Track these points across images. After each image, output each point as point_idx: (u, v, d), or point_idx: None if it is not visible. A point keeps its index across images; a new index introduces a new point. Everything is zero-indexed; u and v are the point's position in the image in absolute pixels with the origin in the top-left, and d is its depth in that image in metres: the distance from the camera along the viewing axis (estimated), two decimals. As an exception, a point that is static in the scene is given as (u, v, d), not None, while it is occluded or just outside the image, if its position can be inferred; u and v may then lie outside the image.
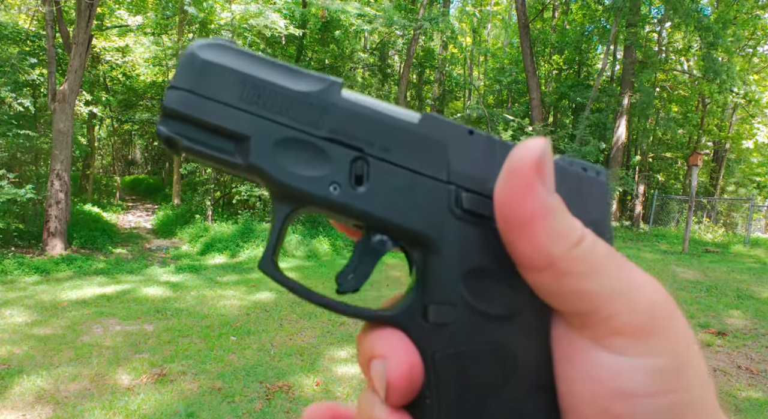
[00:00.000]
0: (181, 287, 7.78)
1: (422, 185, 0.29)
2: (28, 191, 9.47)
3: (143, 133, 29.77)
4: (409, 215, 0.28)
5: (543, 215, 0.25)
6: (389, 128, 0.29)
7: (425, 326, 0.28)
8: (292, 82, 0.29)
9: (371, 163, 0.29)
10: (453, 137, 0.29)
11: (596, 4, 19.53)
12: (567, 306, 0.26)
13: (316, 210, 0.31)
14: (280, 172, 0.29)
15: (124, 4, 16.63)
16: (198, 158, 0.30)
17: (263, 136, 0.29)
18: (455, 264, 0.28)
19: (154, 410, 3.70)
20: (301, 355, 4.91)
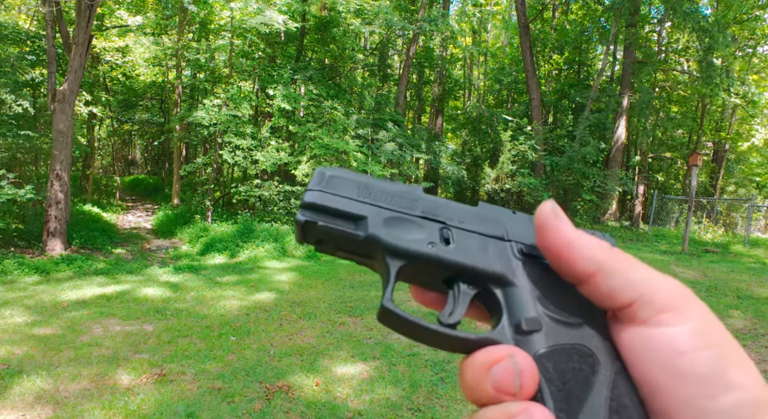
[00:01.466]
0: (180, 287, 7.79)
1: (491, 242, 0.40)
2: (27, 192, 9.47)
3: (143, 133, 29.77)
4: (488, 262, 0.39)
5: (575, 238, 0.34)
6: (459, 210, 0.42)
7: (519, 337, 0.36)
8: (389, 185, 0.42)
9: (453, 230, 0.40)
10: (503, 215, 0.42)
11: (596, 4, 19.54)
12: (618, 300, 0.33)
13: (417, 267, 0.40)
14: (390, 237, 0.39)
15: (124, 4, 16.63)
16: (327, 236, 0.40)
17: (376, 216, 0.40)
18: (529, 289, 0.37)
19: (153, 410, 3.70)
20: (300, 355, 4.91)
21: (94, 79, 18.60)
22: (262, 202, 13.67)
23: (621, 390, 0.33)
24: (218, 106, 12.95)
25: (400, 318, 0.37)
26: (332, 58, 17.62)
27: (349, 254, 0.41)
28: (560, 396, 0.33)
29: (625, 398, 0.33)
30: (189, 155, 22.23)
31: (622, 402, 0.33)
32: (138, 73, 22.99)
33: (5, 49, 12.60)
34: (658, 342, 0.31)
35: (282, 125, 13.88)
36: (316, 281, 8.49)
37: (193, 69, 16.35)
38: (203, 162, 14.33)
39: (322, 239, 0.40)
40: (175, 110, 17.22)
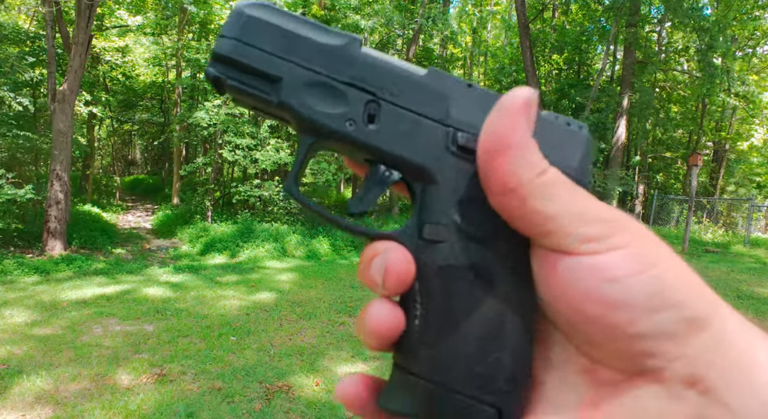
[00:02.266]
0: (180, 287, 7.78)
1: (424, 126, 0.34)
2: (27, 192, 9.47)
3: (143, 133, 29.76)
4: (412, 150, 0.34)
5: (519, 146, 0.29)
6: (399, 78, 0.35)
7: (420, 243, 0.33)
8: (320, 36, 0.35)
9: (382, 105, 0.34)
10: (453, 89, 0.35)
11: (596, 4, 19.53)
12: (531, 228, 0.30)
13: (332, 144, 0.35)
14: (306, 108, 0.34)
15: (124, 4, 16.62)
16: (239, 96, 0.35)
17: (294, 78, 0.34)
18: (449, 192, 0.33)
19: (154, 410, 3.70)
20: (300, 355, 4.91)
21: (94, 79, 18.61)
22: (262, 202, 13.67)
23: (506, 319, 0.31)
24: (218, 106, 12.95)
25: (303, 204, 0.35)
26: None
27: (266, 114, 0.37)
28: (436, 313, 0.31)
29: (506, 326, 0.31)
30: (189, 155, 22.23)
31: (503, 330, 0.31)
32: (138, 73, 23.00)
33: (5, 49, 12.59)
34: (585, 272, 0.29)
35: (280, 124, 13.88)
36: (316, 281, 8.49)
37: (192, 69, 16.34)
38: (203, 162, 14.33)
39: (236, 97, 0.36)
40: (175, 110, 17.22)
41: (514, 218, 0.31)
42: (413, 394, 0.31)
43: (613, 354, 0.29)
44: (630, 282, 0.28)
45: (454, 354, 0.31)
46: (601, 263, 0.28)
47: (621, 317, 0.28)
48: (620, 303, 0.28)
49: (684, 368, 0.27)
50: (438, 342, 0.31)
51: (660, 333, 0.28)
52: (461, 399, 0.30)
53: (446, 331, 0.31)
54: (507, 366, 0.31)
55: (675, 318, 0.27)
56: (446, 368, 0.31)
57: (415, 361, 0.31)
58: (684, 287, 0.28)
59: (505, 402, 0.31)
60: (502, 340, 0.31)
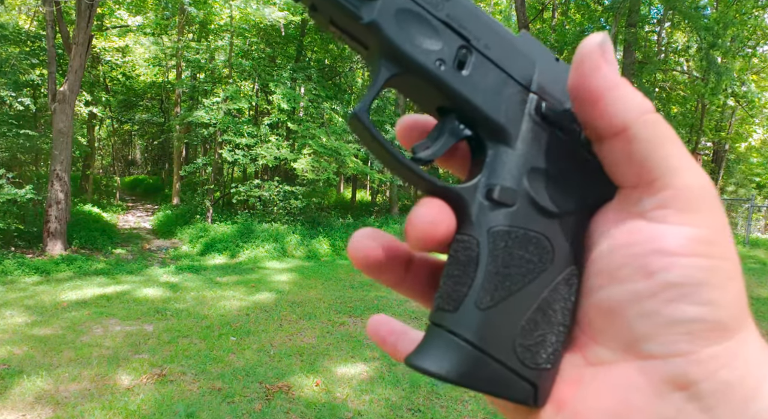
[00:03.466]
0: (180, 287, 7.79)
1: (511, 86, 0.33)
2: (28, 192, 9.48)
3: (143, 133, 29.77)
4: (496, 108, 0.32)
5: (613, 86, 0.28)
6: (494, 32, 0.33)
7: (485, 203, 0.31)
8: None
9: (474, 54, 0.32)
10: (542, 58, 0.34)
11: (596, 4, 19.54)
12: (630, 175, 0.29)
13: (412, 81, 0.33)
14: (397, 35, 0.31)
15: (124, 4, 16.62)
16: (324, 3, 0.31)
17: (390, 0, 0.31)
18: (525, 159, 0.32)
19: (154, 410, 3.71)
20: (300, 355, 4.91)
21: (94, 79, 18.61)
22: (262, 202, 13.67)
23: (558, 295, 0.31)
24: (217, 103, 12.95)
25: (369, 132, 0.31)
26: (332, 58, 17.62)
27: (343, 33, 0.33)
28: (495, 277, 0.30)
29: (557, 303, 0.30)
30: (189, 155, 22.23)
31: (552, 306, 0.30)
32: (138, 74, 22.99)
33: (6, 49, 12.60)
34: (643, 236, 0.28)
35: (281, 122, 13.88)
36: (316, 282, 8.50)
37: (193, 69, 16.35)
38: (203, 162, 14.33)
39: (317, 5, 0.32)
40: (175, 110, 17.22)
41: (618, 163, 0.29)
42: (452, 357, 0.30)
43: (616, 326, 0.28)
44: (680, 262, 0.27)
45: (504, 322, 0.30)
46: (663, 234, 0.27)
47: (650, 289, 0.27)
48: (658, 277, 0.27)
49: (680, 368, 0.26)
50: (491, 307, 0.30)
51: (680, 322, 0.26)
52: (502, 370, 0.30)
53: (500, 297, 0.30)
54: (550, 344, 0.30)
55: (703, 316, 0.26)
56: (494, 335, 0.30)
57: (464, 324, 0.30)
58: (728, 288, 0.27)
59: (542, 380, 0.30)
60: (551, 317, 0.30)
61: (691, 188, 0.28)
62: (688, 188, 0.28)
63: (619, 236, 0.29)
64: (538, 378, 0.30)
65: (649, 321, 0.27)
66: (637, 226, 0.28)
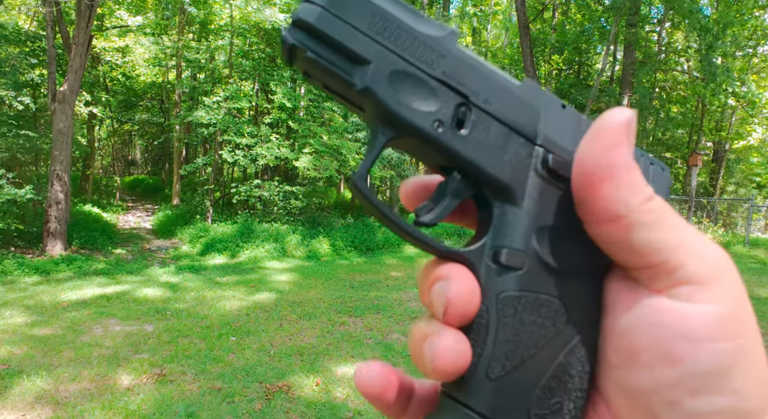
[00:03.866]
0: (180, 287, 7.79)
1: (514, 141, 0.31)
2: (27, 192, 9.48)
3: (143, 133, 29.77)
4: (499, 166, 0.31)
5: (625, 169, 0.27)
6: (494, 84, 0.31)
7: (493, 267, 0.30)
8: (415, 22, 0.31)
9: (473, 111, 0.31)
10: (547, 106, 0.32)
11: (596, 4, 19.54)
12: (635, 259, 0.27)
13: (412, 142, 0.32)
14: (393, 100, 0.30)
15: (124, 4, 16.62)
16: (314, 71, 0.31)
17: (383, 64, 0.30)
18: (532, 218, 0.30)
19: (154, 410, 3.70)
20: (300, 355, 4.91)
21: (94, 79, 18.61)
22: (262, 202, 13.67)
23: (575, 358, 0.29)
24: (218, 102, 12.95)
25: (367, 201, 0.31)
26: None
27: (339, 97, 0.33)
28: (505, 346, 0.29)
29: (573, 368, 0.29)
30: (189, 155, 22.23)
31: (569, 371, 0.29)
32: (138, 74, 23.00)
33: (6, 49, 12.60)
34: (666, 317, 0.26)
35: (282, 120, 13.87)
36: (316, 282, 8.49)
37: (193, 69, 16.35)
38: (203, 162, 14.34)
39: (310, 72, 0.31)
40: (175, 110, 17.22)
41: (617, 248, 0.28)
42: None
43: (640, 413, 0.27)
44: (706, 347, 0.25)
45: (517, 393, 0.29)
46: (688, 316, 0.26)
47: (675, 378, 0.26)
48: (684, 365, 0.25)
49: None
50: (503, 376, 0.29)
51: (706, 415, 0.25)
52: None
53: (512, 367, 0.29)
54: (568, 412, 0.29)
55: (729, 407, 0.25)
56: (507, 407, 0.29)
57: (475, 396, 0.29)
58: (752, 372, 0.26)
59: None
60: (567, 383, 0.29)
61: (709, 261, 0.27)
62: (706, 262, 0.27)
63: (640, 314, 0.27)
64: None
65: (672, 410, 0.26)
66: (658, 303, 0.27)
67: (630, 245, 0.27)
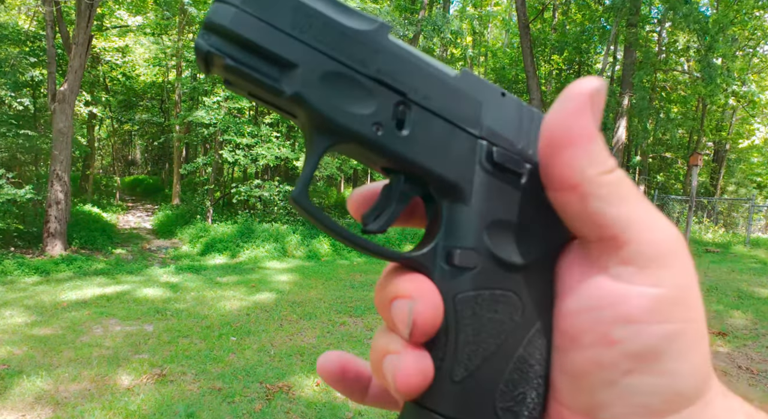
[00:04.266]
0: (181, 287, 7.78)
1: (457, 136, 0.30)
2: (28, 192, 9.47)
3: (143, 133, 29.77)
4: (444, 164, 0.30)
5: (587, 137, 0.27)
6: (432, 78, 0.30)
7: (447, 269, 0.29)
8: (344, 18, 0.29)
9: (413, 109, 0.29)
10: (487, 96, 0.31)
11: (596, 4, 19.54)
12: (586, 230, 0.28)
13: (352, 147, 0.30)
14: (326, 105, 0.28)
15: (124, 4, 16.62)
16: (236, 79, 0.28)
17: (312, 66, 0.28)
18: (482, 214, 0.30)
19: (154, 410, 3.70)
20: (301, 355, 4.91)
21: (94, 79, 18.61)
22: (263, 202, 13.67)
23: (533, 348, 0.29)
24: (218, 102, 12.95)
25: (311, 215, 0.29)
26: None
27: (267, 104, 0.30)
28: (466, 347, 0.28)
29: (533, 357, 0.29)
30: (189, 155, 22.23)
31: (529, 361, 0.29)
32: (138, 74, 23.00)
33: (5, 49, 12.59)
34: (606, 299, 0.27)
35: (281, 120, 13.88)
36: (317, 282, 8.49)
37: (193, 69, 16.34)
38: (203, 162, 14.34)
39: (231, 80, 0.29)
40: (175, 110, 17.22)
41: (571, 217, 0.28)
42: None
43: (579, 394, 0.28)
44: (644, 331, 0.26)
45: (482, 390, 0.29)
46: (627, 297, 0.26)
47: (610, 358, 0.26)
48: (619, 347, 0.26)
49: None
50: (466, 378, 0.28)
51: (639, 394, 0.26)
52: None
53: (475, 366, 0.29)
54: (531, 400, 0.29)
55: (662, 387, 0.26)
56: (473, 406, 0.28)
57: (440, 399, 0.29)
58: (689, 355, 0.26)
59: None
60: (528, 373, 0.29)
61: (655, 242, 0.26)
62: (652, 242, 0.26)
63: (585, 295, 0.28)
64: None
65: (609, 390, 0.26)
66: (600, 284, 0.27)
67: (584, 216, 0.27)
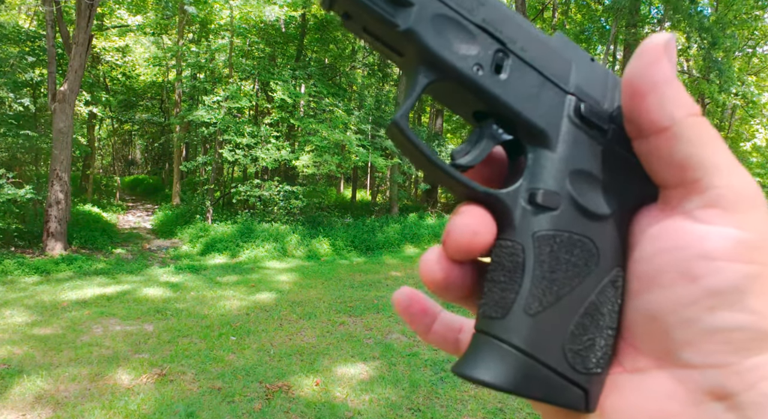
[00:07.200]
0: (181, 287, 7.79)
1: (548, 89, 0.32)
2: (28, 192, 9.48)
3: (143, 133, 29.77)
4: (535, 111, 0.32)
5: (668, 81, 0.28)
6: (530, 34, 0.33)
7: (529, 208, 0.31)
8: None
9: (510, 57, 0.32)
10: (578, 59, 0.34)
11: (596, 4, 19.54)
12: (672, 174, 0.28)
13: (450, 88, 0.33)
14: (435, 41, 0.30)
15: (124, 4, 16.61)
16: (356, 10, 0.31)
17: (426, 7, 0.30)
18: (566, 161, 0.31)
19: (154, 410, 3.71)
20: (300, 355, 4.91)
21: (94, 79, 18.60)
22: (263, 202, 13.67)
23: (605, 297, 0.30)
24: (217, 102, 12.94)
25: (408, 139, 0.31)
26: (332, 57, 17.62)
27: (376, 41, 0.32)
28: (542, 282, 0.30)
29: (604, 306, 0.30)
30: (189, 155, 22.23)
31: (600, 309, 0.30)
32: (138, 73, 22.99)
33: (5, 49, 12.59)
34: (689, 238, 0.27)
35: (282, 120, 13.87)
36: (316, 281, 8.50)
37: (193, 69, 16.34)
38: (203, 161, 14.33)
39: (351, 13, 0.31)
40: (175, 109, 17.22)
41: (658, 162, 0.29)
42: (503, 364, 0.29)
43: (655, 333, 0.28)
44: (726, 268, 0.26)
45: (553, 327, 0.29)
46: (708, 236, 0.26)
47: (693, 295, 0.26)
48: (702, 282, 0.26)
49: (718, 378, 0.26)
50: (540, 312, 0.30)
51: (721, 331, 0.26)
52: (552, 377, 0.29)
53: (549, 303, 0.30)
54: (600, 348, 0.30)
55: (746, 324, 0.25)
56: (544, 341, 0.29)
57: (513, 330, 0.30)
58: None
59: (592, 384, 0.30)
60: (599, 320, 0.30)
61: (737, 188, 0.27)
62: (734, 188, 0.27)
63: (664, 238, 0.28)
64: (588, 383, 0.30)
65: (689, 328, 0.26)
66: (681, 226, 0.28)
67: (672, 159, 0.28)
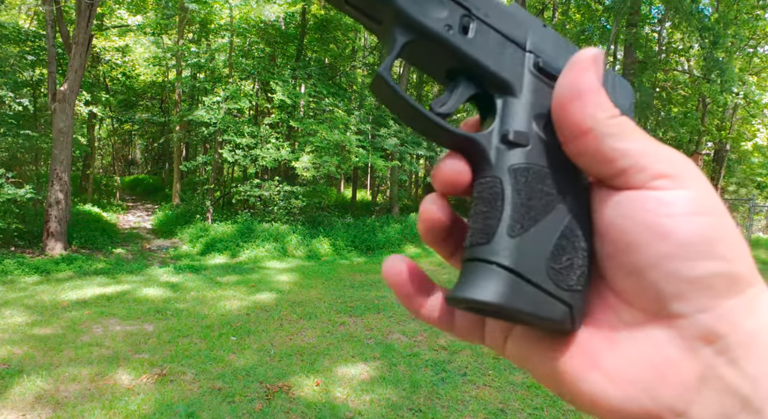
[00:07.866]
0: (181, 287, 7.78)
1: (509, 48, 0.37)
2: (28, 191, 9.47)
3: (143, 133, 29.77)
4: (500, 66, 0.37)
5: (593, 90, 0.32)
6: (491, 3, 0.38)
7: (502, 147, 0.35)
8: None
9: (475, 21, 0.37)
10: (532, 23, 0.39)
11: (596, 3, 19.53)
12: (606, 167, 0.32)
13: (424, 49, 0.37)
14: (410, 6, 0.35)
15: (124, 4, 16.61)
16: None
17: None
18: (530, 106, 0.36)
19: (154, 410, 3.70)
20: (301, 355, 4.91)
21: (94, 79, 18.61)
22: (263, 202, 13.67)
23: (577, 224, 0.33)
24: (217, 102, 12.93)
25: (392, 90, 0.35)
26: (332, 57, 17.60)
27: (355, 10, 0.37)
28: (521, 208, 0.33)
29: (578, 230, 0.33)
30: (189, 155, 22.22)
31: (575, 232, 0.33)
32: (138, 73, 23.00)
33: (5, 48, 12.59)
34: (647, 204, 0.30)
35: (282, 121, 13.87)
36: (317, 281, 8.49)
37: (193, 69, 16.34)
38: (203, 161, 14.32)
39: None
40: (175, 109, 17.22)
41: (590, 159, 0.32)
42: (492, 283, 0.31)
43: (643, 290, 0.30)
44: (689, 220, 0.29)
45: (535, 247, 0.32)
46: (666, 198, 0.29)
47: (669, 250, 0.29)
48: (673, 237, 0.29)
49: (706, 322, 0.28)
50: (521, 234, 0.32)
51: (700, 279, 0.28)
52: (538, 293, 0.32)
53: (529, 225, 0.33)
54: (578, 267, 0.32)
55: (721, 270, 0.28)
56: (528, 260, 0.32)
57: (499, 251, 0.32)
58: (735, 242, 0.29)
59: (575, 300, 0.32)
60: (574, 242, 0.33)
61: (670, 160, 0.31)
62: (669, 160, 0.30)
63: (626, 204, 0.31)
64: (571, 299, 0.32)
65: (673, 281, 0.28)
66: (639, 194, 0.30)
67: (601, 155, 0.31)
